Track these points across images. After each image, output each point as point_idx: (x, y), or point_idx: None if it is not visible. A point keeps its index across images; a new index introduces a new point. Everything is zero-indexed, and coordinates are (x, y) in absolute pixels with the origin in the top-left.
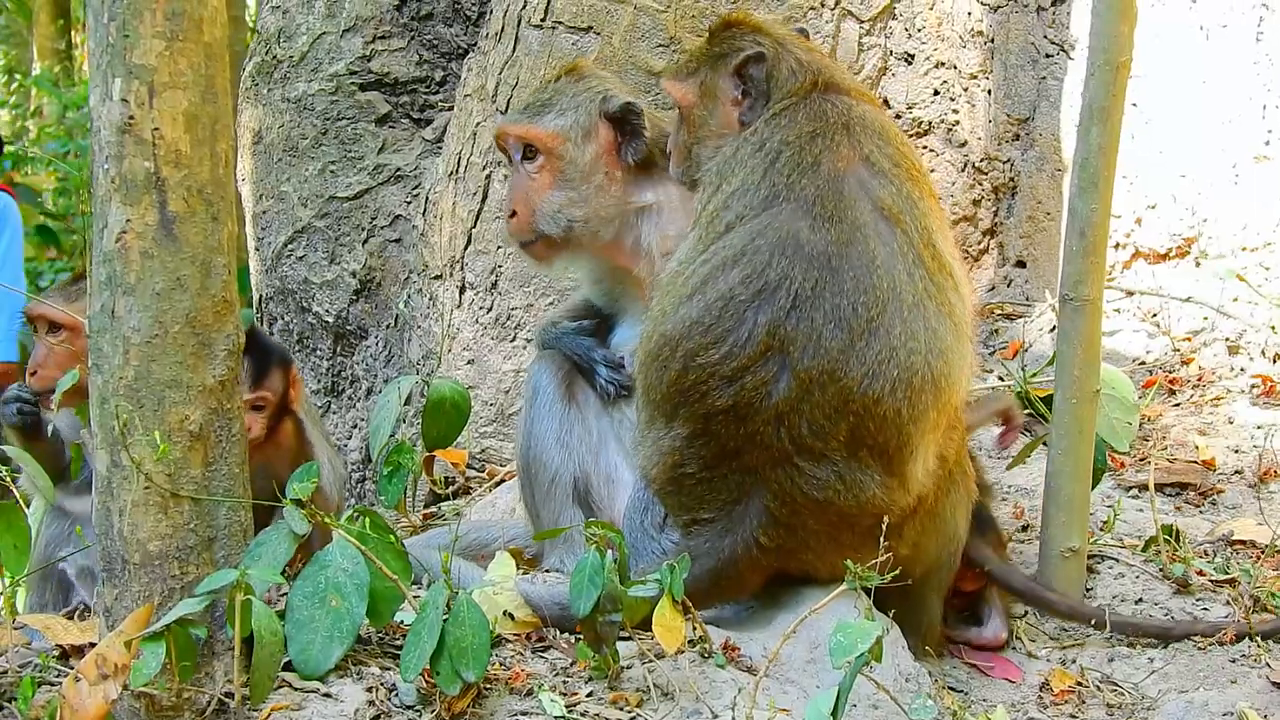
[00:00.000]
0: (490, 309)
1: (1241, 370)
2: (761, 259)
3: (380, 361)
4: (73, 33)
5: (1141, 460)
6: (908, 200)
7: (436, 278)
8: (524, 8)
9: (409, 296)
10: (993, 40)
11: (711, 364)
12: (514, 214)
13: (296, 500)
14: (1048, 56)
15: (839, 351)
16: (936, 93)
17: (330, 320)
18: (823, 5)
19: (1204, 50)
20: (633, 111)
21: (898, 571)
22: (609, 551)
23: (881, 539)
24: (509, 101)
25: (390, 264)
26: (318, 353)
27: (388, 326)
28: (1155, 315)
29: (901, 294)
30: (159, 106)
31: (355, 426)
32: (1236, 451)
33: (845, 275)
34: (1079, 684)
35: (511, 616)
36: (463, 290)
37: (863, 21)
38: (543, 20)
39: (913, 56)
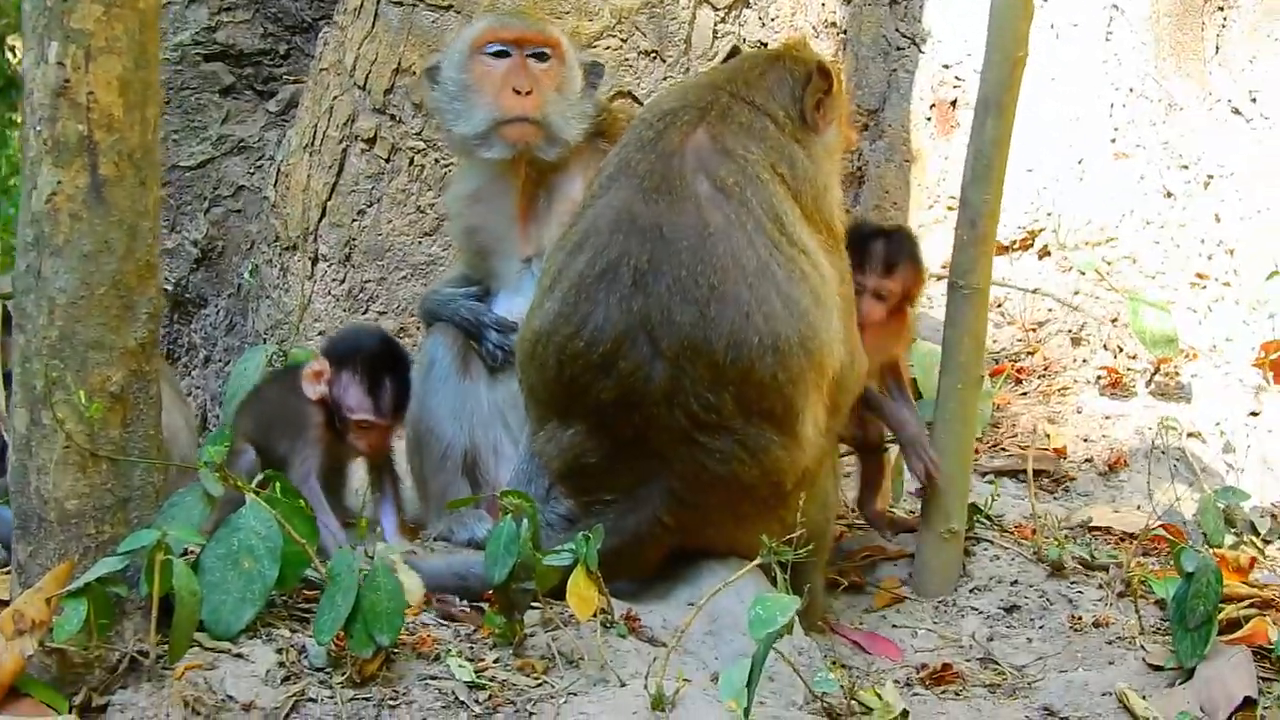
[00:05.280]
0: (343, 281)
1: (1084, 361)
2: (602, 239)
3: (220, 331)
4: None
5: (994, 447)
6: (753, 181)
7: (289, 249)
8: None
9: (256, 266)
10: (845, 32)
11: (579, 353)
12: (529, 92)
13: (211, 463)
14: (899, 49)
15: (691, 325)
16: None
17: (169, 288)
18: None
19: (1054, 48)
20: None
21: (811, 546)
22: (523, 520)
23: (799, 501)
24: (367, 77)
25: (232, 234)
26: None
27: (229, 296)
28: (1001, 305)
29: (742, 260)
30: (94, 71)
31: (190, 394)
32: (1085, 440)
33: (679, 245)
34: (959, 663)
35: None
36: (315, 262)
37: (718, 9)
38: None
39: (766, 45)
